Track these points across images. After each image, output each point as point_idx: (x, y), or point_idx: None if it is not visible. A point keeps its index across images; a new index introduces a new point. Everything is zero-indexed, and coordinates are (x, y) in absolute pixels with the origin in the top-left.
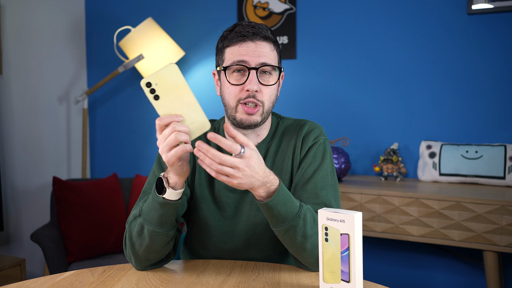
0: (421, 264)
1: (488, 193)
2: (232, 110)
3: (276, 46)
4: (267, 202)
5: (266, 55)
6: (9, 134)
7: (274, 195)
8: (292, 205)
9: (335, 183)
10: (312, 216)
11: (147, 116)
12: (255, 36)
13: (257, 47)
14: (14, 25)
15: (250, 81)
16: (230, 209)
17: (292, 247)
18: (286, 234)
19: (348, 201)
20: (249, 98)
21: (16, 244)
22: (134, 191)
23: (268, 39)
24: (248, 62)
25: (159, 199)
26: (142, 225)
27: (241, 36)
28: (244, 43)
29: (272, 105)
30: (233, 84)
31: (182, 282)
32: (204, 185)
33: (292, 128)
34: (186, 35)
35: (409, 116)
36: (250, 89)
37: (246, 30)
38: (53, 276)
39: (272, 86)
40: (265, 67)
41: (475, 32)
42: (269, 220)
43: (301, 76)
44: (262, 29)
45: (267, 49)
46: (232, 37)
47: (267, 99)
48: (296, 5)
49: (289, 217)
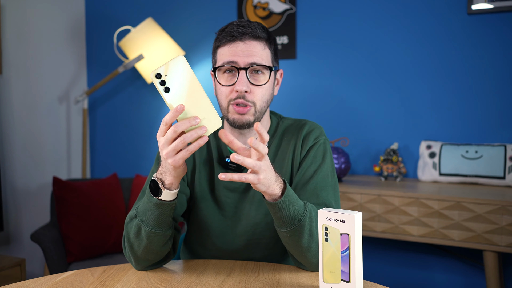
0: (421, 264)
1: (488, 193)
2: (225, 111)
3: (269, 44)
4: (278, 202)
5: (256, 55)
6: (9, 134)
7: (285, 194)
8: (298, 204)
9: (335, 184)
10: (316, 214)
11: (147, 116)
12: (244, 36)
13: (246, 46)
14: (14, 25)
15: (239, 82)
16: (230, 209)
17: (297, 248)
18: (294, 234)
19: (348, 201)
20: (238, 99)
21: (16, 244)
22: (134, 191)
23: (258, 38)
24: (237, 62)
25: (155, 200)
26: (139, 226)
27: (230, 36)
28: (233, 43)
29: (266, 104)
30: (224, 85)
31: (182, 282)
32: (204, 185)
33: (292, 128)
34: (186, 35)
35: (409, 116)
36: (239, 90)
37: (236, 30)
38: (53, 276)
39: (263, 85)
40: (255, 66)
41: (475, 32)
42: (277, 221)
43: (301, 76)
44: (252, 28)
45: (258, 48)
46: (222, 38)
47: (258, 99)
48: (296, 5)
49: (297, 216)
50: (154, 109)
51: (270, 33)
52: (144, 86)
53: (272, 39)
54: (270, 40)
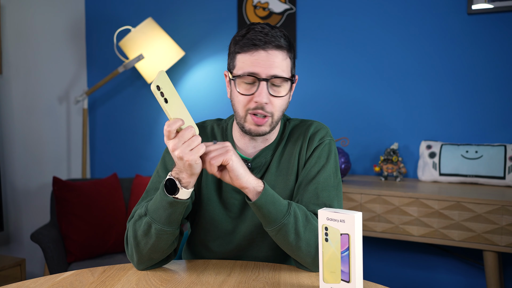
0: (421, 264)
1: (488, 193)
2: (241, 119)
3: (290, 53)
4: (255, 201)
5: (277, 66)
6: (9, 134)
7: (261, 194)
8: (280, 203)
9: (337, 185)
10: (304, 214)
11: (147, 116)
12: (267, 45)
13: (268, 56)
14: (14, 25)
15: (259, 94)
16: (236, 210)
17: (287, 247)
18: (278, 233)
19: (348, 201)
20: (257, 110)
21: (16, 244)
22: (134, 191)
23: (280, 47)
24: (258, 73)
25: (169, 199)
26: (149, 224)
27: (252, 45)
28: (255, 52)
29: (283, 113)
30: (243, 94)
31: (182, 282)
32: (211, 187)
33: (299, 128)
34: (186, 35)
35: (409, 116)
36: (259, 102)
37: (259, 37)
38: (53, 276)
39: (283, 97)
40: (275, 79)
41: (475, 32)
42: (261, 221)
43: (301, 76)
44: (275, 36)
45: (279, 59)
46: (243, 44)
47: (277, 110)
48: (296, 5)
49: (279, 215)
50: (154, 109)
51: (291, 40)
52: (144, 86)
53: (292, 47)
54: (290, 49)
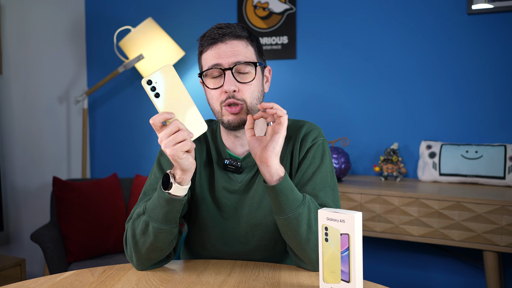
0: (421, 264)
1: (488, 193)
2: (219, 114)
3: (251, 42)
4: (276, 185)
5: (239, 53)
6: (9, 134)
7: (283, 179)
8: (297, 192)
9: (334, 184)
10: (316, 207)
11: (147, 116)
12: (224, 37)
13: (228, 47)
14: (14, 25)
15: (226, 82)
16: (229, 210)
17: (295, 240)
18: (291, 223)
19: (348, 201)
20: (229, 99)
21: (16, 244)
22: (134, 191)
23: (239, 37)
24: (221, 64)
25: (165, 195)
26: (147, 222)
27: (211, 40)
28: (215, 46)
29: (258, 101)
30: (212, 88)
31: (182, 282)
32: (205, 186)
33: (290, 129)
34: (186, 35)
35: (409, 116)
36: (228, 90)
37: (215, 32)
38: (53, 276)
39: (251, 82)
40: (239, 65)
41: (475, 32)
42: (275, 207)
43: (301, 76)
44: (232, 28)
45: (240, 47)
46: (204, 42)
47: (248, 96)
48: (296, 5)
49: (295, 204)
50: (154, 109)
51: (250, 31)
52: None
53: (254, 36)
54: (251, 38)
